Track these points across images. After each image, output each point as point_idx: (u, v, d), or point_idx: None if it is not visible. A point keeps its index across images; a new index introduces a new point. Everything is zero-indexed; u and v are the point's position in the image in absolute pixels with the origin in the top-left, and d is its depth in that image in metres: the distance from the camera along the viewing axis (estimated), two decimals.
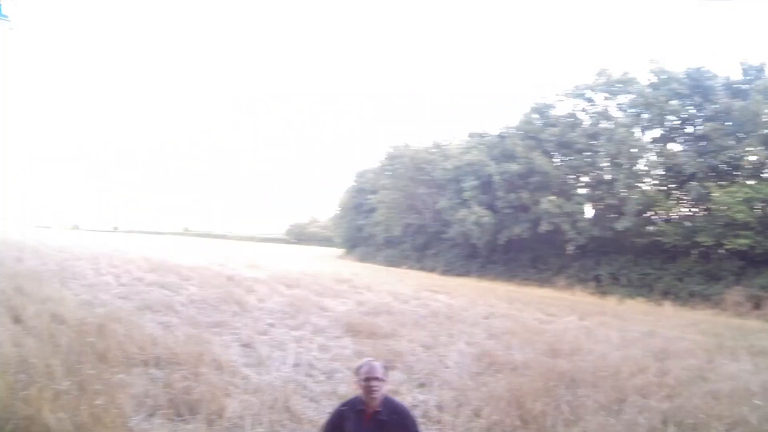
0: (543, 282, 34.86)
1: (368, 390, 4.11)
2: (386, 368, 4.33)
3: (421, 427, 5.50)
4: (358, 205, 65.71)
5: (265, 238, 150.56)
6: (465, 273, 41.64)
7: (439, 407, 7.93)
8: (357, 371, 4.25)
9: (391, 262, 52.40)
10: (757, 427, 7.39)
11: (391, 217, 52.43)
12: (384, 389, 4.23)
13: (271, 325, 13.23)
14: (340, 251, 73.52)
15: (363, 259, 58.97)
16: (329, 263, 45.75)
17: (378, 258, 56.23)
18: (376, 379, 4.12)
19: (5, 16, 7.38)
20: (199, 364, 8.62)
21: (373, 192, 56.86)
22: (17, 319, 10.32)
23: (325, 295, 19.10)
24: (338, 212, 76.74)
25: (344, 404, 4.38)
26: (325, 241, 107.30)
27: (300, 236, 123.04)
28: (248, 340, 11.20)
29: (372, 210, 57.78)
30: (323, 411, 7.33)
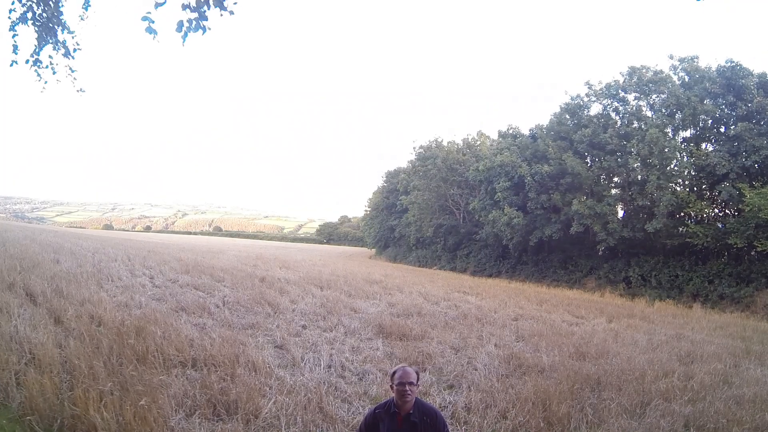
0: (573, 283, 34.96)
1: (402, 394, 4.38)
2: (418, 373, 4.57)
3: (450, 429, 5.83)
4: (389, 206, 66.08)
5: (296, 238, 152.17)
6: (496, 274, 41.93)
7: (467, 408, 8.13)
8: (391, 376, 4.51)
9: (423, 263, 52.85)
10: None
11: (422, 217, 52.82)
12: (416, 393, 4.48)
13: (304, 327, 13.41)
14: (371, 251, 74.01)
15: (394, 259, 59.42)
16: (360, 264, 46.09)
17: (409, 258, 56.63)
18: (410, 383, 4.38)
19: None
20: (234, 366, 8.87)
21: (406, 192, 57.32)
22: (58, 321, 10.64)
23: (357, 297, 19.35)
24: (369, 212, 77.10)
25: (378, 407, 4.61)
26: (356, 241, 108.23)
27: (331, 236, 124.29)
28: (282, 342, 11.38)
29: (404, 211, 58.16)
30: (356, 412, 7.60)
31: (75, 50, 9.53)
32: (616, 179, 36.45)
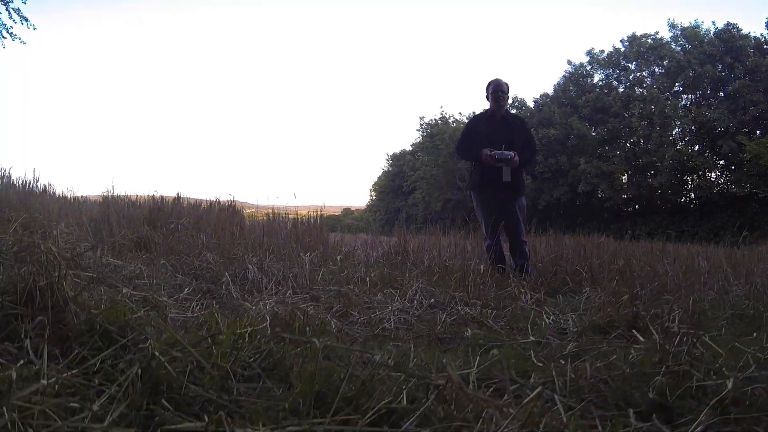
0: None
1: (497, 98, 5.39)
2: (508, 86, 5.53)
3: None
4: (395, 189, 66.40)
5: None
6: None
7: None
8: (487, 87, 5.49)
9: None
10: None
11: (431, 192, 53.28)
12: (507, 100, 5.62)
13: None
14: None
15: None
16: None
17: None
18: (502, 92, 5.40)
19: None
20: None
21: (413, 170, 57.81)
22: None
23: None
24: (374, 197, 77.30)
25: (477, 115, 5.86)
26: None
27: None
28: None
29: (410, 192, 58.70)
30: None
31: None
32: (620, 140, 37.26)
